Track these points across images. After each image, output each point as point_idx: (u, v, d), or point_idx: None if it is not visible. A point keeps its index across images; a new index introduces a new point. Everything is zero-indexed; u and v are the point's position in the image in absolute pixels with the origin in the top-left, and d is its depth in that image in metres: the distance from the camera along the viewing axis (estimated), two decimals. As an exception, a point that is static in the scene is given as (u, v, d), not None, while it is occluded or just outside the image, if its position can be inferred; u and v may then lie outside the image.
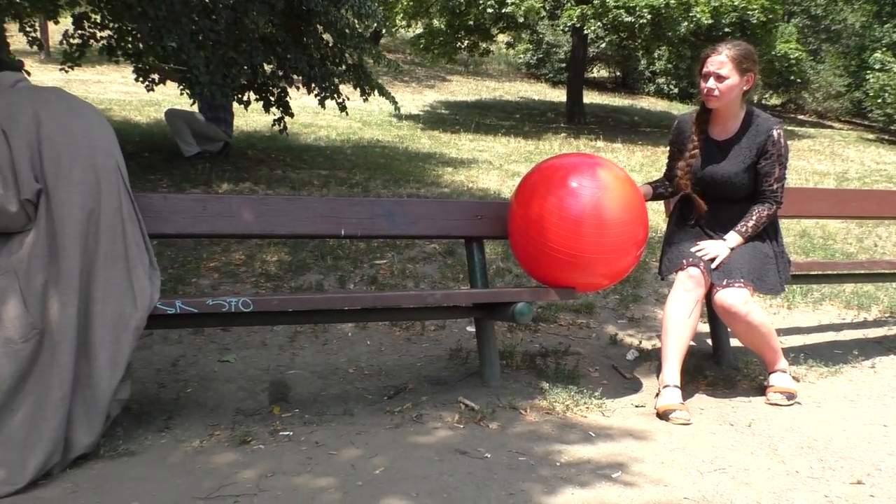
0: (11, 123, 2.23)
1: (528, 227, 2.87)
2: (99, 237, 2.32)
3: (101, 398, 2.29)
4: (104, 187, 2.35)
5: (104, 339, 2.30)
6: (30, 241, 2.22)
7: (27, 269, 2.20)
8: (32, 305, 2.19)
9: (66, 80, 12.40)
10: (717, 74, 2.96)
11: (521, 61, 20.73)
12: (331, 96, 6.90)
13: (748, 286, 2.94)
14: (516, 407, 2.89)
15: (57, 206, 2.25)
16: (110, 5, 6.23)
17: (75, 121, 2.35)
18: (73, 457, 2.26)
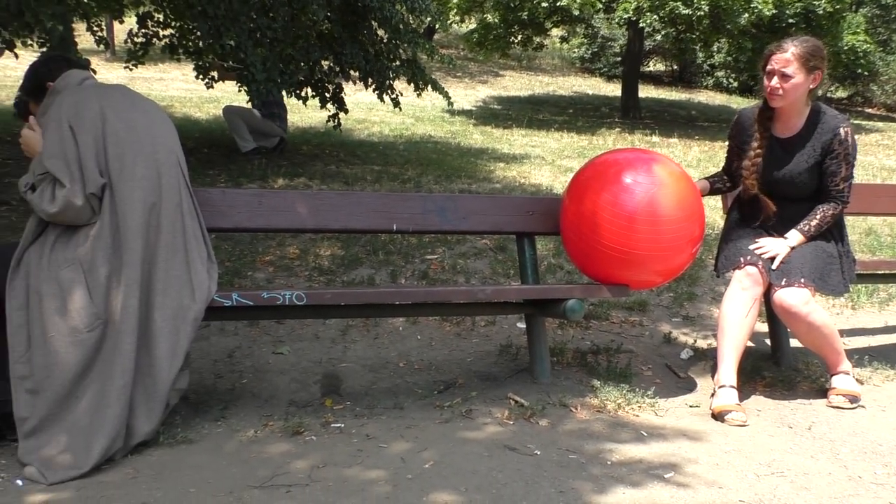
0: (79, 120, 2.31)
1: (581, 224, 2.84)
2: (160, 230, 2.39)
3: (160, 387, 2.36)
4: (165, 182, 2.42)
5: (164, 330, 2.37)
6: (94, 233, 2.30)
7: (92, 261, 2.28)
8: (97, 296, 2.27)
9: (130, 78, 12.80)
10: (781, 73, 2.84)
11: (576, 55, 20.50)
12: (385, 91, 6.95)
13: (809, 286, 2.85)
14: (567, 404, 2.86)
15: (120, 200, 2.32)
16: (172, 4, 6.40)
17: (139, 117, 2.43)
18: (134, 443, 2.34)
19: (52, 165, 2.27)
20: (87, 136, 2.30)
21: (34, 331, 2.24)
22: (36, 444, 2.21)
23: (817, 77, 2.88)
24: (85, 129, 2.31)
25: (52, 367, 2.22)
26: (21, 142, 2.43)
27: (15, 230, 4.30)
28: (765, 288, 2.94)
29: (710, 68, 19.19)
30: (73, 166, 2.28)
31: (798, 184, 2.96)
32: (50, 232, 2.32)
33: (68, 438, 2.21)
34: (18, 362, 2.24)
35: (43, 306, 2.24)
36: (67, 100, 2.35)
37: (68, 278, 2.26)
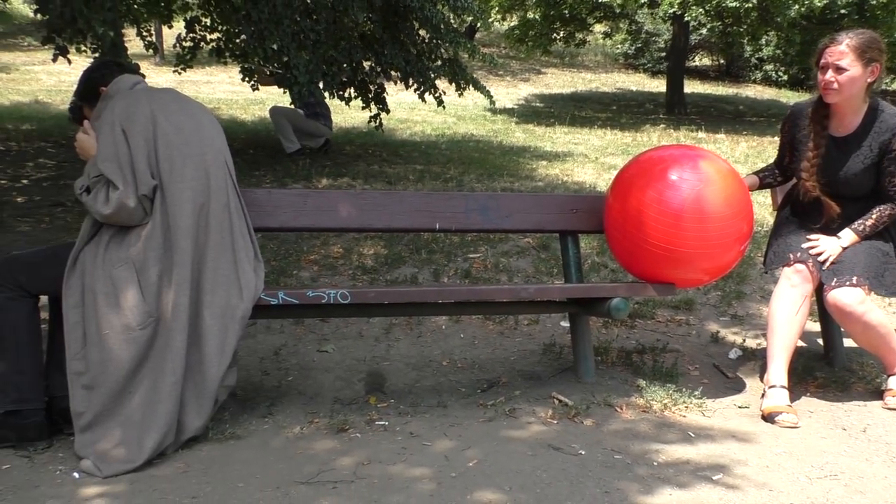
0: (130, 123, 2.37)
1: (626, 221, 2.80)
2: (209, 230, 2.43)
3: (209, 383, 2.41)
4: (213, 183, 2.47)
5: (213, 328, 2.42)
6: (146, 234, 2.36)
7: (144, 260, 2.34)
8: (149, 295, 2.33)
9: (179, 81, 13.10)
10: (836, 66, 2.74)
11: (619, 51, 20.25)
12: (428, 90, 6.97)
13: (863, 285, 2.76)
14: (611, 404, 2.83)
15: (170, 200, 2.37)
16: (219, 8, 6.53)
17: (188, 120, 2.48)
18: (185, 438, 2.39)
19: (105, 168, 2.34)
20: (138, 139, 2.36)
21: (89, 328, 2.31)
22: (91, 439, 2.28)
23: (875, 70, 2.77)
24: (136, 132, 2.36)
25: (107, 363, 2.29)
26: (76, 145, 2.51)
27: (70, 230, 4.45)
28: (815, 286, 2.86)
29: (758, 62, 18.74)
30: (125, 169, 2.34)
31: (854, 184, 2.87)
32: (104, 232, 2.39)
33: (122, 433, 2.28)
34: (75, 359, 2.31)
35: (97, 304, 2.31)
36: (120, 104, 2.41)
37: (121, 277, 2.32)
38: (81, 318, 2.33)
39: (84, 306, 2.33)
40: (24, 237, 4.39)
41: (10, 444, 2.36)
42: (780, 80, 18.51)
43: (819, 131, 2.89)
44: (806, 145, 2.93)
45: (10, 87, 12.27)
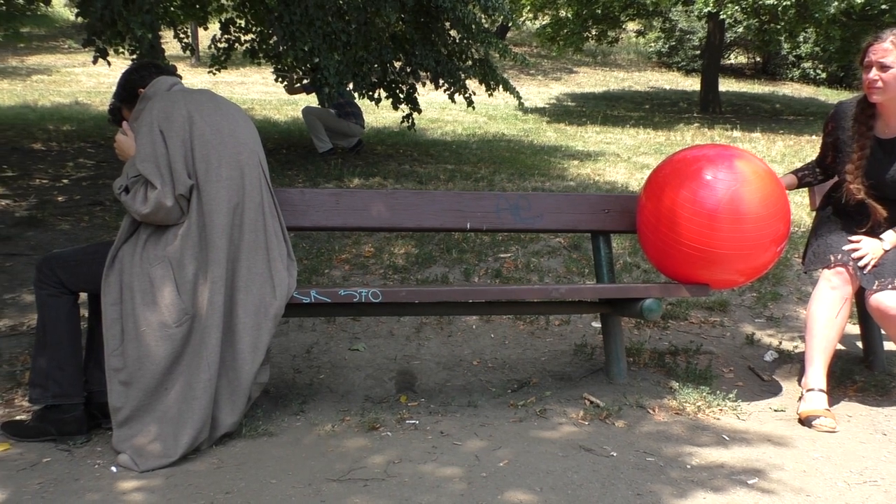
0: (168, 124, 2.41)
1: (659, 221, 2.77)
2: (243, 229, 2.47)
3: (243, 380, 2.44)
4: (248, 182, 2.50)
5: (247, 325, 2.45)
6: (182, 232, 2.40)
7: (180, 258, 2.38)
8: (185, 292, 2.37)
9: (214, 82, 13.28)
10: (880, 64, 2.67)
11: (652, 50, 20.04)
12: (458, 91, 6.97)
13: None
14: (644, 406, 2.81)
15: (206, 200, 2.41)
16: (253, 10, 6.61)
17: (223, 120, 2.52)
18: (219, 434, 2.43)
19: (144, 168, 2.38)
20: (176, 140, 2.40)
21: (127, 325, 2.36)
22: (129, 433, 2.33)
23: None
24: (174, 132, 2.40)
25: (144, 359, 2.33)
26: (115, 146, 2.56)
27: (108, 229, 4.54)
28: (856, 288, 2.80)
29: (795, 59, 18.40)
30: (163, 169, 2.38)
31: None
32: (142, 231, 2.44)
33: (158, 428, 2.32)
34: (113, 355, 2.36)
35: (135, 302, 2.35)
36: (158, 105, 2.46)
37: (158, 275, 2.36)
38: (119, 315, 2.37)
39: (122, 303, 2.37)
40: (64, 235, 4.49)
41: (50, 437, 2.42)
42: (819, 77, 18.15)
43: (864, 132, 2.82)
44: (850, 146, 2.86)
45: (52, 88, 12.56)
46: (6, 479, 2.17)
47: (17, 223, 4.56)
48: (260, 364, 2.48)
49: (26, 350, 3.12)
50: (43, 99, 10.87)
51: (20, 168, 5.85)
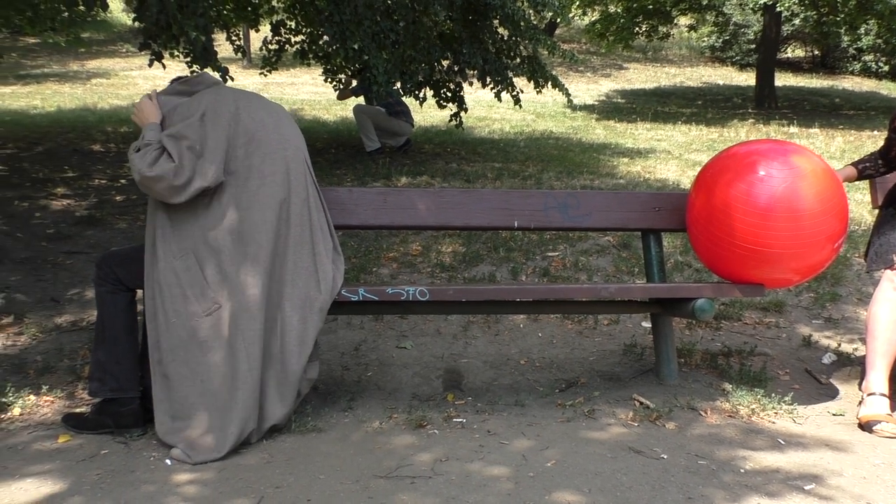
0: (215, 116, 2.45)
1: (710, 219, 2.71)
2: (290, 224, 2.50)
3: (290, 374, 2.47)
4: (293, 178, 2.53)
5: (293, 319, 2.48)
6: (210, 225, 2.43)
7: (206, 250, 2.41)
8: (213, 283, 2.40)
9: (265, 84, 13.51)
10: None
11: (705, 44, 19.61)
12: (505, 89, 6.94)
13: None
14: (695, 408, 2.75)
15: (247, 196, 2.44)
16: (303, 12, 6.70)
17: (269, 117, 2.55)
18: (267, 427, 2.46)
19: (168, 141, 2.39)
20: (220, 133, 2.42)
21: (159, 318, 2.42)
22: (177, 426, 2.38)
23: None
24: (220, 126, 2.43)
25: (177, 349, 2.39)
26: (136, 106, 2.57)
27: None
28: None
29: (856, 52, 17.77)
30: (185, 152, 2.37)
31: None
32: (166, 226, 2.46)
33: (206, 421, 2.36)
34: (153, 348, 2.43)
35: (164, 295, 2.41)
36: (208, 95, 2.50)
37: (182, 267, 2.40)
38: (154, 308, 2.44)
39: (154, 298, 2.44)
40: (122, 234, 4.63)
41: (108, 430, 2.50)
42: (881, 70, 17.49)
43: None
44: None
45: (110, 91, 12.96)
46: (67, 470, 2.25)
47: (77, 222, 4.72)
48: (307, 358, 2.51)
49: (86, 345, 3.23)
50: (102, 102, 11.22)
51: (80, 169, 6.05)
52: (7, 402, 2.70)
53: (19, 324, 3.46)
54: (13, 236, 4.40)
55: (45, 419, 2.63)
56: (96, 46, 18.28)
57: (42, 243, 4.37)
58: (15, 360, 3.12)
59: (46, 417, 2.65)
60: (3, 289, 3.77)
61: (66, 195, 5.25)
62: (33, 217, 4.74)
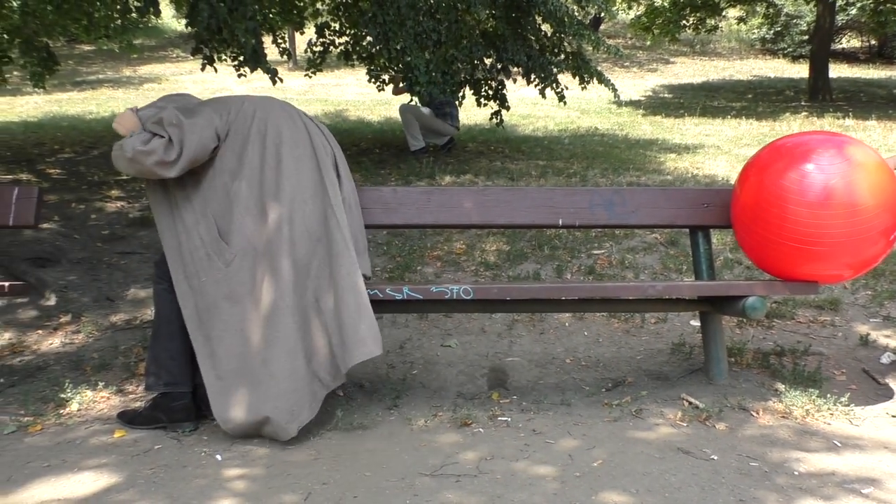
0: (216, 101, 2.60)
1: (757, 213, 2.63)
2: (303, 225, 2.55)
3: (322, 370, 2.50)
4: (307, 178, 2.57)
5: (314, 307, 2.52)
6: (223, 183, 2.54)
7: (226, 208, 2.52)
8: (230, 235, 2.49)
9: (310, 85, 13.70)
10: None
11: (755, 36, 19.14)
12: (549, 86, 6.89)
13: None
14: (746, 408, 2.69)
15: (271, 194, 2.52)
16: (347, 13, 6.77)
17: (287, 121, 2.62)
18: (358, 352, 2.45)
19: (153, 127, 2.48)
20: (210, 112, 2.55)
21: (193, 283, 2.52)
22: (223, 386, 2.45)
23: None
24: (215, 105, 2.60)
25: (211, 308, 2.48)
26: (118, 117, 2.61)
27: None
28: None
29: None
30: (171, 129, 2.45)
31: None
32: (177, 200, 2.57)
33: (249, 372, 2.44)
34: (191, 317, 2.52)
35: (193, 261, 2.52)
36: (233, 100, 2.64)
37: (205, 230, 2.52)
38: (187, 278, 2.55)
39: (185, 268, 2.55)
40: (174, 234, 4.73)
41: (161, 424, 2.56)
42: (942, 59, 16.83)
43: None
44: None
45: (161, 95, 13.28)
46: (122, 464, 2.31)
47: (130, 223, 4.85)
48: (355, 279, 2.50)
49: (140, 342, 3.32)
50: (154, 106, 11.50)
51: (134, 171, 6.22)
52: (66, 398, 2.79)
53: (76, 322, 3.57)
54: (70, 237, 4.55)
55: (102, 415, 2.71)
56: (148, 52, 18.76)
57: (97, 244, 4.51)
58: (73, 358, 3.22)
59: (102, 413, 2.73)
60: (62, 288, 3.90)
61: (119, 197, 5.40)
62: (89, 219, 4.90)
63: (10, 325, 3.55)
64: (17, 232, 4.47)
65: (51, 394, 2.86)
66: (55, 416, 2.69)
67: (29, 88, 13.91)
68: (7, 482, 2.19)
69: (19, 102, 12.04)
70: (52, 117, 9.98)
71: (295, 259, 2.48)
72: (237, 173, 2.53)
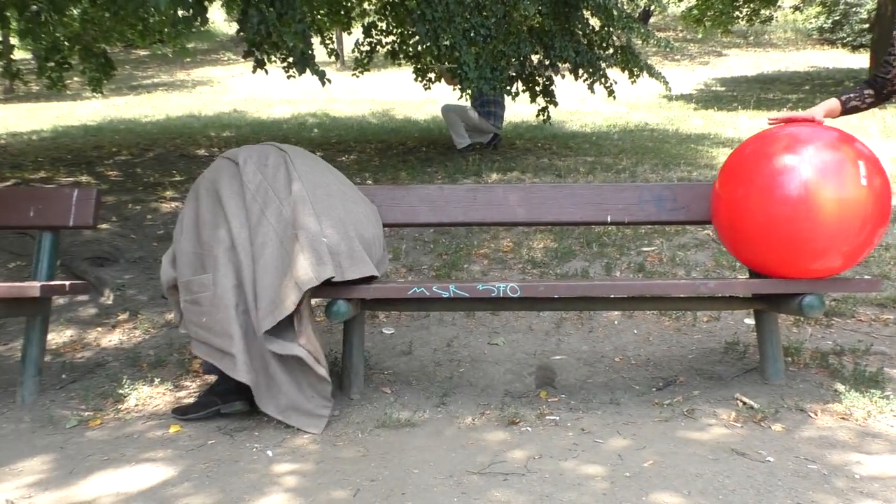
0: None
1: (745, 209, 2.54)
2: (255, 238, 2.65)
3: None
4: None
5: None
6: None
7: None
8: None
9: (358, 85, 13.82)
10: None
11: (812, 26, 18.58)
12: (598, 81, 6.81)
13: None
14: (804, 409, 2.60)
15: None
16: (394, 12, 6.80)
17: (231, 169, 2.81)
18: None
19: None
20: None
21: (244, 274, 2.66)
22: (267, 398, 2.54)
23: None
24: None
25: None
26: None
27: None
28: None
29: (983, 26, 16.39)
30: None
31: None
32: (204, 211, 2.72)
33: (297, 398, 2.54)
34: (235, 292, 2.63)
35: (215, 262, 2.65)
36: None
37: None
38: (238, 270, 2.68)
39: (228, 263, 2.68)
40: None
41: (214, 407, 2.65)
42: None
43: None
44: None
45: (214, 98, 13.58)
46: (177, 458, 2.37)
47: (185, 223, 4.97)
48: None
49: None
50: (206, 108, 11.78)
51: (186, 173, 6.37)
52: (123, 393, 2.88)
53: (133, 320, 3.68)
54: (127, 237, 4.68)
55: (157, 410, 2.79)
56: (200, 55, 19.20)
57: (153, 243, 4.64)
58: (130, 354, 3.32)
59: (158, 408, 2.80)
60: (119, 287, 4.02)
61: (174, 198, 5.53)
62: (145, 219, 5.03)
63: (72, 322, 3.68)
64: (77, 232, 4.63)
65: (109, 389, 2.95)
66: (114, 411, 2.77)
67: (88, 94, 14.39)
68: (69, 474, 2.27)
69: (79, 107, 12.46)
70: (109, 121, 10.30)
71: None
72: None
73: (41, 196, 3.05)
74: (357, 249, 2.64)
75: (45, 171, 6.30)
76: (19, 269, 4.24)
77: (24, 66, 16.62)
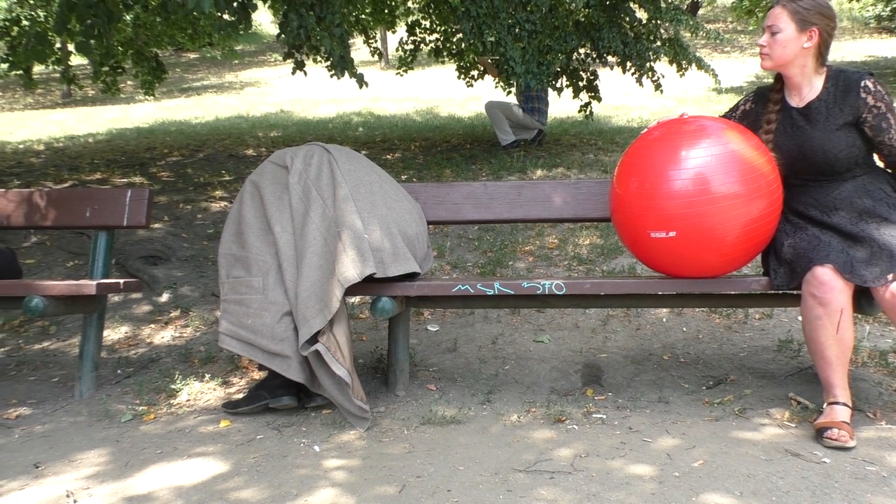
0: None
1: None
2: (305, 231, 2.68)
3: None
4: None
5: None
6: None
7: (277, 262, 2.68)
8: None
9: (402, 83, 13.88)
10: (770, 29, 2.49)
11: (869, 14, 17.96)
12: (646, 74, 6.71)
13: None
14: (862, 409, 2.52)
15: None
16: (438, 10, 6.81)
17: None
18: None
19: None
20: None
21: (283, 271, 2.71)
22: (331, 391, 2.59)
23: (813, 34, 2.45)
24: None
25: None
26: None
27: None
28: None
29: None
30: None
31: (829, 153, 2.46)
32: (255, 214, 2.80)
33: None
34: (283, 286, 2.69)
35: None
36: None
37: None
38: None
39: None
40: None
41: (263, 402, 2.69)
42: None
43: (775, 105, 2.59)
44: (763, 121, 2.60)
45: (261, 99, 13.82)
46: (228, 452, 2.42)
47: (234, 222, 5.06)
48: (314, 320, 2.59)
49: (243, 336, 3.45)
50: (254, 109, 11.98)
51: (235, 172, 6.49)
52: (176, 388, 2.95)
53: (185, 317, 3.76)
54: (179, 236, 4.79)
55: (208, 405, 2.85)
56: (248, 57, 19.55)
57: (203, 242, 4.74)
58: (182, 350, 3.40)
59: (209, 403, 2.86)
60: (171, 284, 4.12)
61: (223, 197, 5.65)
62: (196, 218, 5.15)
63: (127, 319, 3.78)
64: (130, 232, 4.76)
65: (162, 384, 3.03)
66: (167, 406, 2.84)
67: (141, 97, 14.78)
68: (125, 467, 2.33)
69: (133, 110, 12.81)
70: (161, 123, 10.56)
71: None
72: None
73: (97, 197, 3.14)
74: (400, 246, 2.65)
75: (101, 172, 6.50)
76: (77, 268, 4.38)
77: (80, 70, 17.16)
